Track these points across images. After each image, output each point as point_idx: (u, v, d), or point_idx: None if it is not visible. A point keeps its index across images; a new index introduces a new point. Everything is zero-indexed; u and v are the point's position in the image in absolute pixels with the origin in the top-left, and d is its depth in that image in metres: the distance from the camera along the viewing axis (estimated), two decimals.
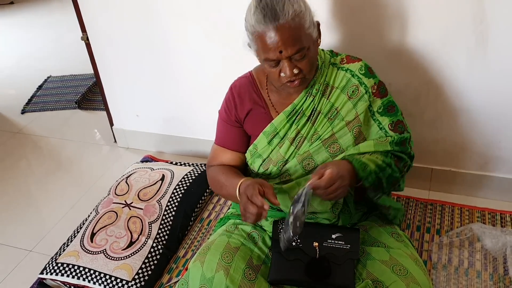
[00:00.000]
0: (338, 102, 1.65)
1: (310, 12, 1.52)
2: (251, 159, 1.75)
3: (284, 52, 1.47)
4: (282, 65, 1.51)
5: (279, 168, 1.69)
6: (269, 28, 1.45)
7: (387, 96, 1.68)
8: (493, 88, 2.10)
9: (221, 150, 1.80)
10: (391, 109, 1.68)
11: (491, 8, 1.91)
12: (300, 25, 1.46)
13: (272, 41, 1.46)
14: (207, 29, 2.39)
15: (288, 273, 1.57)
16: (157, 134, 2.96)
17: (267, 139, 1.69)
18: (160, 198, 2.36)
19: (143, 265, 2.09)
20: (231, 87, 1.77)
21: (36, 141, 3.32)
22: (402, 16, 2.04)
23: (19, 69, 4.43)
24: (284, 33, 1.44)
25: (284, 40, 1.45)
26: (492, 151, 2.27)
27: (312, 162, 1.66)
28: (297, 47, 1.47)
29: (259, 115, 1.72)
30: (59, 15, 5.45)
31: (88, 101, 3.76)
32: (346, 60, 1.70)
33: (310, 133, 1.66)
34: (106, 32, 2.63)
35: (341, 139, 1.64)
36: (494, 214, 2.28)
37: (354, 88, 1.65)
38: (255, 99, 1.72)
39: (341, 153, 1.64)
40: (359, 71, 1.66)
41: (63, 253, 2.18)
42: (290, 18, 1.43)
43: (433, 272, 2.03)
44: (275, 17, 1.43)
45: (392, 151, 1.63)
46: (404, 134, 1.67)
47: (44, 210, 2.68)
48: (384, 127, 1.66)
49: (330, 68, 1.68)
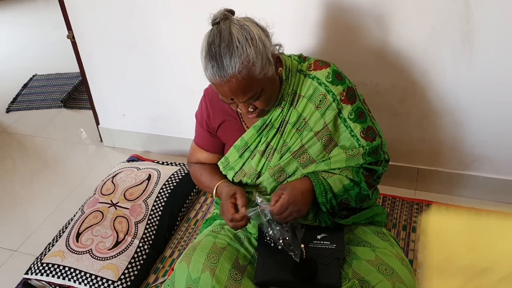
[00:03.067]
0: (306, 112, 1.60)
1: (263, 52, 1.44)
2: (224, 170, 1.74)
3: (235, 100, 1.47)
4: (238, 105, 1.52)
5: (252, 180, 1.68)
6: (217, 80, 1.43)
7: (356, 102, 1.62)
8: (479, 88, 2.11)
9: (198, 149, 1.83)
10: (361, 115, 1.62)
11: (477, 8, 1.92)
12: (249, 75, 1.41)
13: (222, 91, 1.46)
14: (194, 27, 2.37)
15: (274, 274, 1.57)
16: (144, 134, 2.95)
17: (238, 153, 1.68)
18: (147, 198, 2.35)
19: (129, 265, 2.08)
20: (204, 92, 1.76)
21: (21, 140, 3.29)
22: (388, 16, 2.05)
23: (4, 67, 4.38)
24: (233, 86, 1.42)
25: (234, 91, 1.44)
26: (478, 151, 2.28)
27: (283, 173, 1.64)
28: (248, 95, 1.46)
29: (231, 126, 1.71)
30: (45, 12, 5.39)
31: (74, 100, 3.73)
32: (314, 67, 1.63)
33: (280, 144, 1.63)
34: (92, 30, 2.62)
35: (310, 149, 1.61)
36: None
37: (321, 97, 1.59)
38: (227, 110, 1.70)
39: (311, 163, 1.62)
40: (326, 78, 1.59)
41: (48, 253, 2.16)
42: (237, 72, 1.40)
43: (419, 272, 2.04)
44: (222, 71, 1.40)
45: (364, 164, 1.62)
46: (375, 141, 1.63)
47: (29, 210, 2.66)
48: (356, 134, 1.61)
49: (297, 76, 1.63)
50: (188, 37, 2.42)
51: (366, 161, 1.61)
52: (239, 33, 1.41)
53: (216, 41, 1.41)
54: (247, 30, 1.42)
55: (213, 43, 1.41)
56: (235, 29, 1.41)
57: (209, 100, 1.73)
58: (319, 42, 2.19)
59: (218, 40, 1.41)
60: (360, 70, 2.16)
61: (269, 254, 1.61)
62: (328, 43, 2.19)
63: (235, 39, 1.40)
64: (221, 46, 1.40)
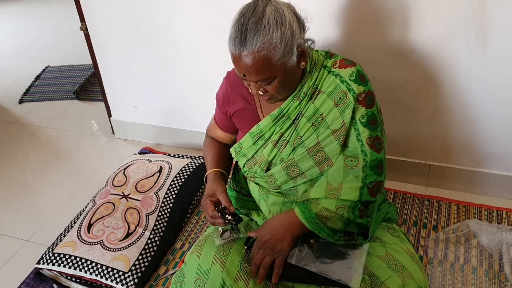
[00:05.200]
0: (324, 108, 1.58)
1: (289, 40, 1.43)
2: (236, 156, 1.75)
3: (247, 77, 1.47)
4: (249, 84, 1.52)
5: (262, 169, 1.68)
6: (235, 51, 1.44)
7: (372, 108, 1.57)
8: (492, 85, 2.10)
9: (216, 127, 1.88)
10: (373, 122, 1.57)
11: (492, 4, 1.90)
12: (267, 58, 1.41)
13: (237, 64, 1.46)
14: (207, 20, 2.38)
15: (285, 269, 1.55)
16: (155, 126, 2.96)
17: (252, 140, 1.68)
18: (158, 190, 2.36)
19: (140, 257, 2.09)
20: (225, 76, 1.77)
21: (34, 131, 3.32)
22: (402, 11, 2.04)
23: (17, 59, 4.41)
24: (248, 62, 1.42)
25: (247, 68, 1.44)
26: (490, 148, 2.27)
27: (297, 169, 1.63)
28: (259, 77, 1.45)
29: (247, 113, 1.72)
30: (58, 4, 5.42)
31: (86, 91, 3.75)
32: (339, 64, 1.60)
33: (293, 136, 1.62)
34: (105, 22, 2.62)
35: (327, 147, 1.58)
36: (491, 210, 2.29)
37: (341, 95, 1.56)
38: (245, 96, 1.70)
39: (326, 161, 1.59)
40: (349, 77, 1.56)
41: (60, 243, 2.18)
42: (256, 50, 1.40)
43: (429, 268, 2.04)
44: (243, 44, 1.41)
45: (360, 200, 1.55)
46: (379, 153, 1.58)
47: (41, 200, 2.68)
48: (362, 139, 1.56)
49: (321, 71, 1.61)
50: (200, 29, 2.42)
51: (367, 175, 1.55)
52: (272, 14, 1.41)
53: (248, 14, 1.42)
54: (281, 14, 1.42)
55: (244, 15, 1.42)
56: (270, 9, 1.41)
57: (230, 84, 1.74)
58: (332, 36, 2.18)
59: (249, 14, 1.41)
60: (373, 66, 2.15)
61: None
62: (341, 38, 2.18)
63: (266, 19, 1.40)
64: (250, 21, 1.40)
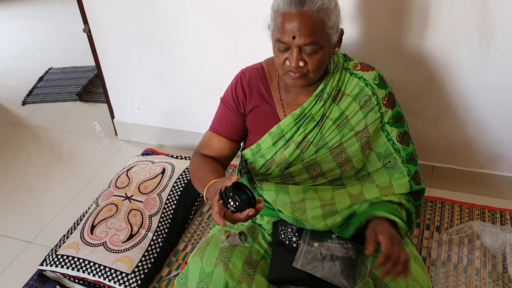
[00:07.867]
0: (349, 111, 1.60)
1: (338, 15, 1.49)
2: (252, 158, 1.70)
3: (297, 39, 1.44)
4: (290, 53, 1.47)
5: (281, 169, 1.66)
6: (292, 10, 1.42)
7: (396, 107, 1.65)
8: (495, 86, 2.09)
9: (213, 136, 1.72)
10: (399, 120, 1.65)
11: (496, 5, 1.90)
12: (322, 21, 1.43)
13: (290, 24, 1.43)
14: (210, 22, 2.38)
15: (288, 272, 1.55)
16: (158, 128, 2.96)
17: (272, 140, 1.65)
18: (161, 192, 2.36)
19: (142, 258, 2.09)
20: (239, 75, 1.70)
21: (37, 132, 3.32)
22: (405, 12, 2.04)
23: (20, 61, 4.42)
24: (304, 21, 1.42)
25: (301, 28, 1.42)
26: (493, 149, 2.27)
27: (318, 168, 1.63)
28: (311, 39, 1.43)
29: (264, 113, 1.68)
30: (61, 6, 5.42)
31: (89, 93, 3.75)
32: (360, 67, 1.64)
33: (317, 138, 1.62)
34: (108, 24, 2.63)
35: (349, 148, 1.61)
36: (494, 212, 2.29)
37: (366, 98, 1.60)
38: (264, 95, 1.67)
39: (348, 162, 1.62)
40: (373, 81, 1.61)
41: (63, 245, 2.18)
42: (315, 9, 1.41)
43: (432, 269, 2.04)
44: (301, 2, 1.41)
45: (410, 181, 1.63)
46: (409, 146, 1.65)
47: (44, 202, 2.68)
48: (392, 138, 1.63)
49: (343, 72, 1.63)
50: (203, 32, 2.42)
51: (409, 168, 1.63)
52: None
53: None
54: None
55: None
56: None
57: (246, 82, 1.68)
58: None
59: None
60: (376, 66, 2.13)
61: (284, 252, 1.60)
62: (345, 39, 2.17)
63: None
64: None
